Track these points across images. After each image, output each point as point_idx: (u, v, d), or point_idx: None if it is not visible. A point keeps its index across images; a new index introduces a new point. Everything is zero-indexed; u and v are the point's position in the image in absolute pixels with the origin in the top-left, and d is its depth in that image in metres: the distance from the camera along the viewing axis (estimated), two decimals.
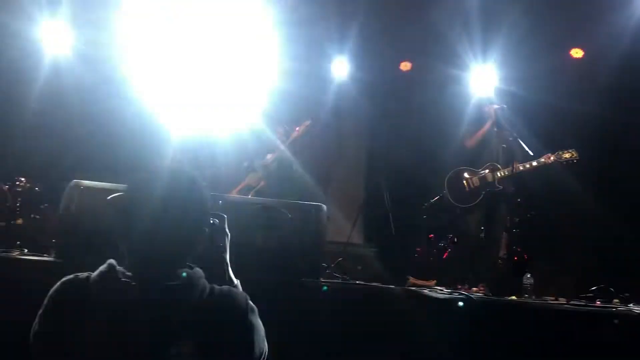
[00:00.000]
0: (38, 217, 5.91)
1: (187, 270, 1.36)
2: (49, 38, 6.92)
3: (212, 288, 1.37)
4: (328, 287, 2.74)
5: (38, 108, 6.90)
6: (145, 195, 1.37)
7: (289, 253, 2.97)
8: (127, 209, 1.38)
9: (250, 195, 5.94)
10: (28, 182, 6.04)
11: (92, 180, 3.16)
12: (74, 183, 3.10)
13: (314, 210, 3.13)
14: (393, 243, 6.09)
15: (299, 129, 6.01)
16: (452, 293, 3.06)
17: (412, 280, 4.16)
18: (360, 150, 9.37)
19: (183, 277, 1.34)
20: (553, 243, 9.60)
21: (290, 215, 3.06)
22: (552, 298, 4.65)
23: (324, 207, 3.24)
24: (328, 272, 4.12)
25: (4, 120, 7.04)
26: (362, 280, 6.11)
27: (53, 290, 1.34)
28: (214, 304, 1.34)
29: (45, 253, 3.63)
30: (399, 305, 2.80)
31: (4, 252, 3.42)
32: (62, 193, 3.08)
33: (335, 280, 3.41)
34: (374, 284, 3.55)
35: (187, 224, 1.38)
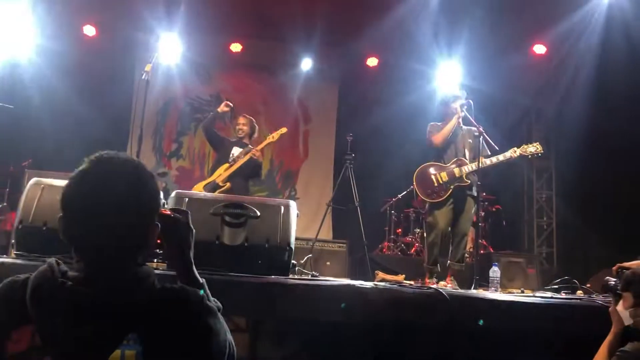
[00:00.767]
0: None
1: (134, 269, 1.28)
2: None
3: (162, 288, 1.28)
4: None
5: None
6: (83, 189, 1.26)
7: (257, 250, 2.93)
8: (65, 203, 1.28)
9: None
10: None
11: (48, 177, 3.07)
12: (35, 181, 2.99)
13: (283, 207, 3.09)
14: (361, 238, 6.09)
15: (274, 135, 5.94)
16: (420, 287, 3.06)
17: (380, 275, 4.16)
18: (329, 147, 9.37)
19: (129, 276, 1.26)
20: (518, 236, 9.81)
21: (259, 212, 3.01)
22: (518, 290, 4.73)
23: (293, 203, 3.21)
24: (298, 269, 4.09)
25: None
26: (331, 276, 6.15)
27: None
28: (164, 304, 1.24)
29: (4, 254, 3.51)
30: (368, 301, 2.77)
31: None
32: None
33: (305, 277, 3.38)
34: (343, 280, 3.54)
35: (130, 219, 1.27)
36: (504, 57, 8.81)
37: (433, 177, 4.94)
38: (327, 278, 4.08)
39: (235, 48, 9.07)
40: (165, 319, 1.22)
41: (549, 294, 3.76)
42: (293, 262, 3.35)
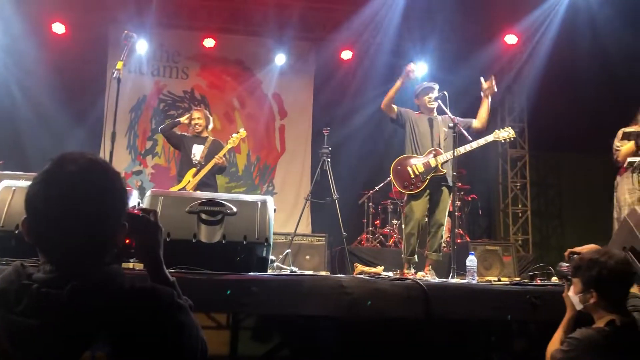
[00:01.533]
0: None
1: (102, 269, 1.26)
2: None
3: (132, 287, 1.26)
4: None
5: None
6: (47, 190, 1.23)
7: (235, 247, 2.92)
8: (28, 205, 1.25)
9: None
10: None
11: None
12: (6, 184, 2.94)
13: (260, 203, 3.08)
14: (340, 231, 6.12)
15: (234, 140, 6.00)
16: (398, 279, 3.09)
17: (359, 268, 4.18)
18: (306, 141, 9.37)
19: (97, 276, 1.23)
20: (494, 225, 9.96)
21: (235, 209, 3.00)
22: (494, 278, 4.80)
23: (270, 198, 3.20)
24: (276, 264, 4.10)
25: None
26: (310, 270, 6.17)
27: None
28: (134, 304, 1.22)
29: None
30: (347, 294, 2.79)
31: None
32: None
33: (283, 273, 3.39)
34: (321, 274, 3.55)
35: (96, 220, 1.25)
36: (477, 48, 8.91)
37: (409, 168, 4.98)
38: (305, 272, 4.10)
39: (209, 43, 9.00)
40: (135, 319, 1.20)
41: (524, 281, 3.83)
42: (272, 257, 3.36)
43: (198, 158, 5.86)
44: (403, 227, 5.34)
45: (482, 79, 5.13)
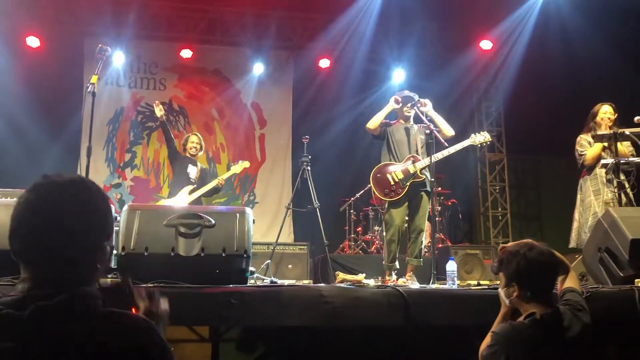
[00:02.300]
0: None
1: (78, 290, 1.22)
2: None
3: (109, 313, 1.21)
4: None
5: None
6: (29, 213, 1.24)
7: (214, 260, 2.91)
8: (12, 224, 1.25)
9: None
10: None
11: None
12: None
13: (238, 214, 3.08)
14: (322, 239, 6.12)
15: (238, 167, 6.58)
16: (378, 287, 3.10)
17: (340, 276, 4.18)
18: (286, 150, 9.38)
19: (71, 297, 1.19)
20: (475, 228, 10.04)
21: (214, 221, 2.99)
22: (475, 282, 4.84)
23: (249, 210, 3.20)
24: (257, 275, 4.09)
25: None
26: (293, 279, 6.16)
27: None
28: (107, 330, 1.18)
29: None
30: (327, 303, 2.79)
31: None
32: None
33: (263, 284, 3.39)
34: (301, 284, 3.56)
35: (77, 241, 1.25)
36: (453, 54, 9.02)
37: (389, 175, 5.02)
38: (285, 282, 4.10)
39: (186, 54, 8.98)
40: (108, 345, 1.16)
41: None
42: (252, 268, 3.35)
43: (193, 177, 6.22)
44: (384, 233, 5.37)
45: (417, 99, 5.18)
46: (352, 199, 7.91)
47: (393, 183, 4.98)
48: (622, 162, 4.66)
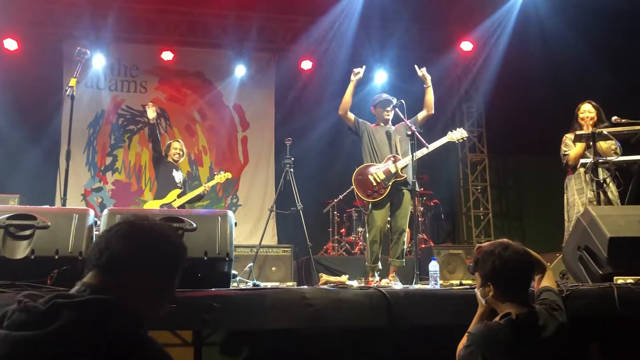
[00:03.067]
0: None
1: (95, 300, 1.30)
2: None
3: (109, 327, 1.25)
4: None
5: None
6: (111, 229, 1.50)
7: (196, 263, 2.89)
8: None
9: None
10: None
11: None
12: None
13: (220, 218, 3.06)
14: (306, 241, 6.12)
15: (222, 177, 6.58)
16: (361, 288, 3.10)
17: (324, 278, 4.18)
18: (269, 152, 9.36)
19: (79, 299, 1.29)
20: (457, 228, 10.11)
21: (195, 225, 2.98)
22: (456, 282, 4.87)
23: (230, 213, 3.18)
24: (239, 278, 4.07)
25: None
26: (277, 281, 6.14)
27: None
28: (94, 341, 1.21)
29: None
30: (310, 305, 2.79)
31: None
32: None
33: (246, 287, 3.37)
34: (284, 286, 3.55)
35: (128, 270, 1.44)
36: (434, 55, 9.07)
37: (370, 177, 5.03)
38: (268, 285, 4.08)
39: (167, 56, 8.93)
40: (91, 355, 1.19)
41: None
42: (234, 272, 3.33)
43: (179, 182, 6.27)
44: (367, 235, 5.38)
45: (415, 67, 5.25)
46: (335, 201, 7.91)
47: (375, 184, 5.00)
48: (600, 161, 4.72)
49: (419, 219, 7.47)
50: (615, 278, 3.18)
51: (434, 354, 3.11)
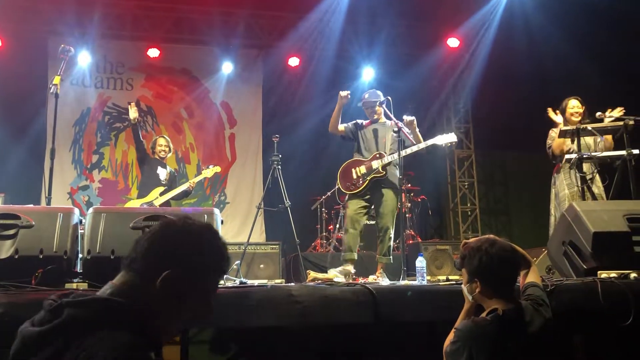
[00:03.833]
0: None
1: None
2: None
3: (110, 327, 1.22)
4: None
5: None
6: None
7: None
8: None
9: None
10: None
11: None
12: None
13: (206, 216, 3.06)
14: (294, 238, 6.12)
15: (209, 172, 6.56)
16: (347, 284, 3.11)
17: (312, 275, 4.19)
18: (256, 149, 9.34)
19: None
20: (445, 224, 10.16)
21: None
22: (443, 278, 4.90)
23: (217, 210, 3.18)
24: (226, 277, 4.06)
25: None
26: (265, 279, 6.14)
27: None
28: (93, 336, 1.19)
29: None
30: (297, 302, 2.79)
31: None
32: None
33: (232, 285, 3.37)
34: (271, 284, 3.55)
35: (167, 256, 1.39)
36: (421, 51, 9.10)
37: (353, 170, 5.13)
38: (256, 282, 4.07)
39: (153, 53, 8.87)
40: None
41: None
42: None
43: (163, 179, 6.26)
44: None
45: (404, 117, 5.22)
46: (323, 198, 7.92)
47: (355, 177, 5.10)
48: (584, 156, 4.75)
49: (407, 215, 7.50)
50: (599, 272, 3.21)
51: (421, 350, 3.13)
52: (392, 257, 5.11)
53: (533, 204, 9.12)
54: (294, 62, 9.34)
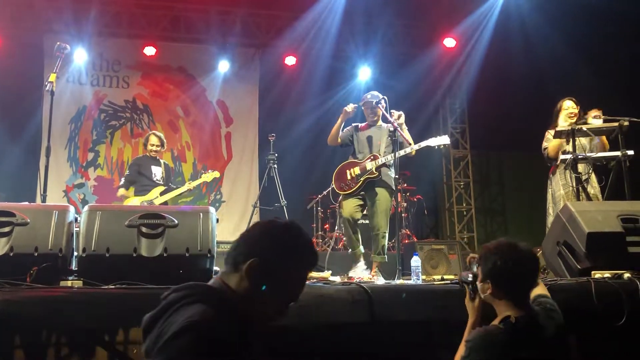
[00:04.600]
0: None
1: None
2: None
3: (197, 309, 1.43)
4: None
5: None
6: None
7: (177, 260, 2.88)
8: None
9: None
10: None
11: None
12: None
13: (201, 214, 3.05)
14: None
15: (208, 177, 6.52)
16: (343, 284, 3.12)
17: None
18: (252, 148, 9.34)
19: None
20: (440, 224, 10.17)
21: (177, 221, 2.97)
22: (438, 277, 4.90)
23: (212, 209, 3.18)
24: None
25: None
26: None
27: None
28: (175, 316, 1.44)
29: None
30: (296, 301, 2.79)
31: None
32: None
33: None
34: None
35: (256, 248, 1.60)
36: (417, 51, 9.12)
37: (348, 171, 5.16)
38: None
39: (149, 51, 8.85)
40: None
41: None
42: (216, 268, 3.33)
43: (159, 178, 6.22)
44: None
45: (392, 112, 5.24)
46: (319, 197, 7.92)
47: (349, 178, 5.14)
48: (579, 157, 4.77)
49: (402, 215, 7.51)
50: (593, 272, 3.23)
51: (416, 349, 3.14)
52: (387, 256, 5.13)
53: (528, 204, 9.15)
54: (291, 61, 9.33)
